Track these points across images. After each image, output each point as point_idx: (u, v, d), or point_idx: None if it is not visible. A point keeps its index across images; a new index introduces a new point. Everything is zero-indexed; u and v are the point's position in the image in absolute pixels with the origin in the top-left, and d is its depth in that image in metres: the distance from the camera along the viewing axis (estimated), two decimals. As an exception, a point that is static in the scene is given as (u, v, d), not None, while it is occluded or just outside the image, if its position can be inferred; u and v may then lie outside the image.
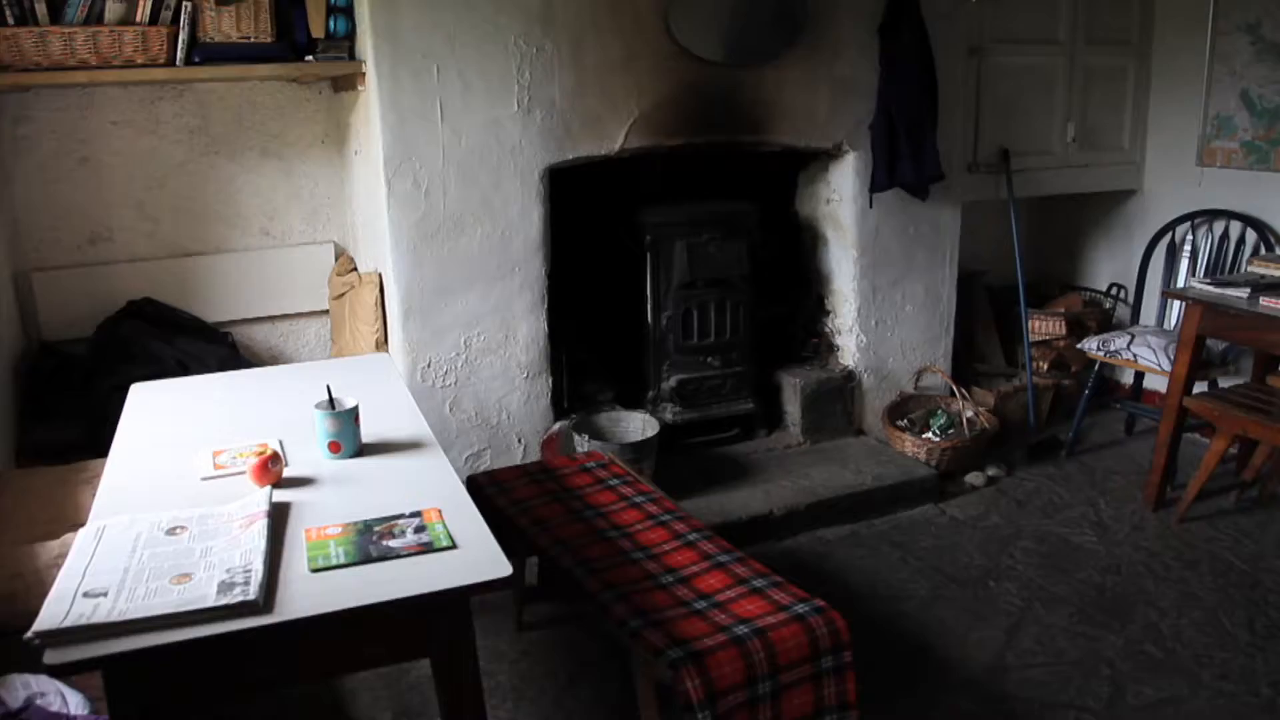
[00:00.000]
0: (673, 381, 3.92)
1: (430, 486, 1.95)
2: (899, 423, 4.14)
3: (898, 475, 3.83)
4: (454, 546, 1.68)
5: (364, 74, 3.19)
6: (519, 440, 3.60)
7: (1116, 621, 3.05)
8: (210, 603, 1.48)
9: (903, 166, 3.80)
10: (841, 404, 4.16)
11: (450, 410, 3.45)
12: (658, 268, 3.81)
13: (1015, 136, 4.38)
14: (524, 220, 3.39)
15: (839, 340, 4.25)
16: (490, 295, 3.41)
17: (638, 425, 3.69)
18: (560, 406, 3.69)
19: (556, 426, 3.64)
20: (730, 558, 2.32)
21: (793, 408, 4.14)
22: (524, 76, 3.28)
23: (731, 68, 3.59)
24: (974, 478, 4.01)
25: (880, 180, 3.90)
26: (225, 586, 1.52)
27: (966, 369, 4.60)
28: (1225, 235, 4.23)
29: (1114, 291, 4.89)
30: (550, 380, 3.60)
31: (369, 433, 2.17)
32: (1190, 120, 4.42)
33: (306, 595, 1.55)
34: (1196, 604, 3.14)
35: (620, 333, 4.05)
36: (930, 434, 4.06)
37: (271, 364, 3.74)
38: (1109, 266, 4.98)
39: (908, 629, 3.02)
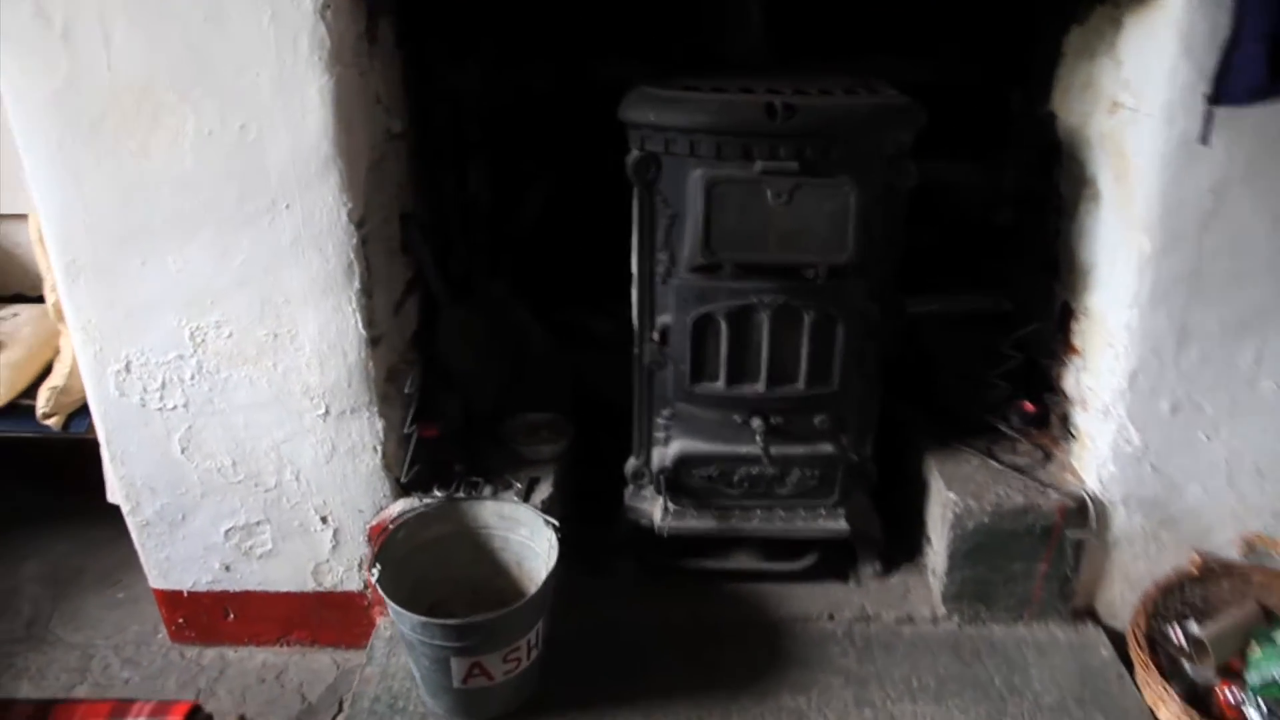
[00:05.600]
0: (671, 453, 1.96)
1: None
2: (1169, 630, 1.85)
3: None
4: None
5: None
6: (324, 521, 1.93)
7: None
8: None
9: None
10: (1049, 560, 1.93)
11: (184, 451, 1.85)
12: (651, 221, 1.80)
13: None
14: (287, 104, 1.56)
15: (1080, 420, 1.96)
16: (233, 252, 1.68)
17: (540, 548, 1.84)
18: (406, 474, 1.93)
19: (396, 509, 1.90)
20: None
21: (938, 540, 2.00)
22: None
23: None
24: (1327, 825, 1.67)
25: (1246, 75, 1.49)
26: None
27: None
28: None
29: None
30: (380, 425, 1.84)
31: None
32: None
33: None
34: None
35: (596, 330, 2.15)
36: (1237, 693, 1.74)
37: None
38: None
39: None
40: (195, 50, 1.53)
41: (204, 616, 2.04)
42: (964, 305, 2.19)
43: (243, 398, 1.80)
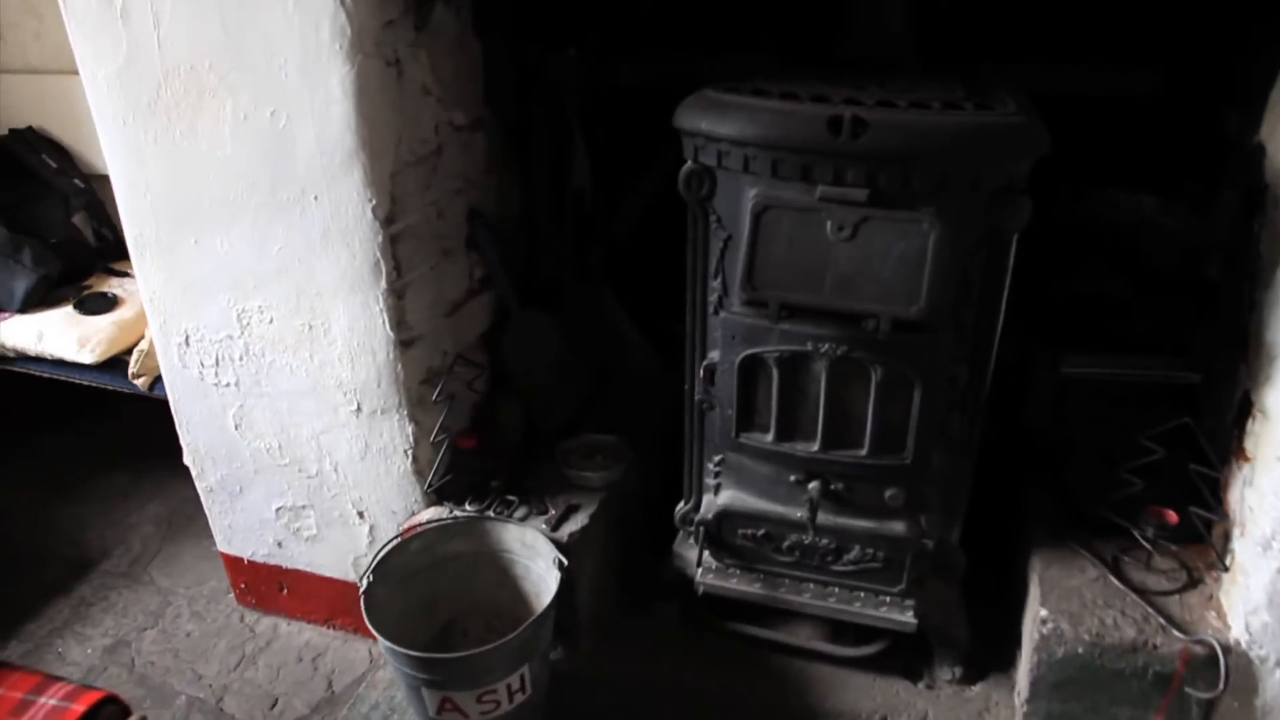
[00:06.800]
0: (719, 503, 1.74)
1: None
2: None
3: None
4: None
5: None
6: (361, 516, 1.90)
7: None
8: None
9: None
10: (1165, 713, 1.51)
11: (238, 427, 1.89)
12: (705, 244, 1.58)
13: None
14: (311, 93, 1.50)
15: (1237, 546, 1.51)
16: (270, 239, 1.66)
17: (553, 584, 1.70)
18: (439, 480, 1.84)
19: (425, 516, 1.83)
20: None
21: (1025, 660, 1.63)
22: None
23: None
24: None
25: None
26: None
27: None
28: None
29: None
30: (411, 429, 1.76)
31: None
32: None
33: None
34: None
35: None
36: None
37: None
38: None
39: None
40: (231, 33, 1.50)
41: (262, 586, 2.10)
42: (1131, 372, 1.79)
43: (285, 384, 1.79)
